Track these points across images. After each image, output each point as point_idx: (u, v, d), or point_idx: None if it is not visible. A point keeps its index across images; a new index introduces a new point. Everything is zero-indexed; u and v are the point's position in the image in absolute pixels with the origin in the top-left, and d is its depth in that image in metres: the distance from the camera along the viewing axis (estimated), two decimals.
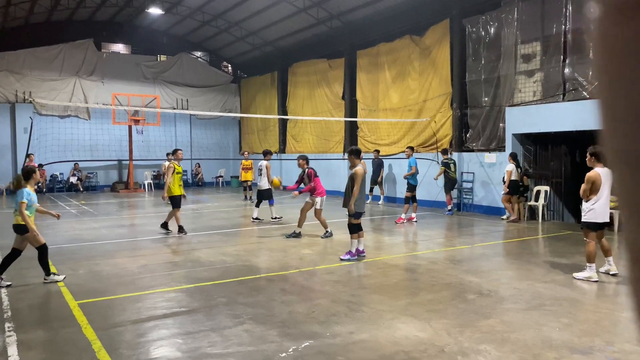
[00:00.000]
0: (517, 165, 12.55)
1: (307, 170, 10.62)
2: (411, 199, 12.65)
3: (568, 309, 5.62)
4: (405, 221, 12.45)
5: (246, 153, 19.23)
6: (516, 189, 12.59)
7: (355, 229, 8.16)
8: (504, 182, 12.60)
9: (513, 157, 12.52)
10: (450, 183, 14.02)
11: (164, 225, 11.01)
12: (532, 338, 4.70)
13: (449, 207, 14.04)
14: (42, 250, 6.76)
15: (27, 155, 16.31)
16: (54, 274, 6.93)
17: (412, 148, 13.44)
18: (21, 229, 6.68)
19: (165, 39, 26.11)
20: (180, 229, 10.79)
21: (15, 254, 6.75)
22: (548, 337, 4.73)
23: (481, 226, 12.12)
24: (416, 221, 12.57)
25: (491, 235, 11.00)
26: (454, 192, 15.06)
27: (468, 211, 14.50)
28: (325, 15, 19.49)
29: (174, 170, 10.75)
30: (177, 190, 10.79)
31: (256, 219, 12.79)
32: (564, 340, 4.63)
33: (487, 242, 10.08)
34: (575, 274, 6.99)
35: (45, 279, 6.81)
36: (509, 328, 4.96)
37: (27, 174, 6.86)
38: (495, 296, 6.10)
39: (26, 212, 6.58)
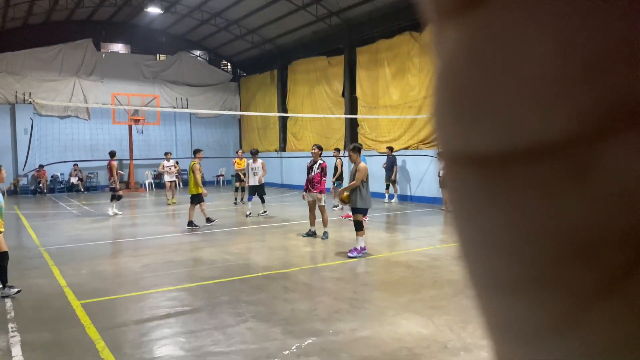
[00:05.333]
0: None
1: (321, 163, 9.91)
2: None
3: None
4: (367, 219, 10.58)
5: (240, 152, 18.49)
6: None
7: (361, 225, 8.17)
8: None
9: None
10: None
11: (207, 220, 11.90)
12: None
13: None
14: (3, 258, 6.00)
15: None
16: (10, 287, 6.10)
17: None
18: None
19: (164, 38, 26.07)
20: (190, 224, 11.56)
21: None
22: None
23: None
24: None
25: None
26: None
27: None
28: (325, 12, 19.46)
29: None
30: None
31: (264, 212, 13.63)
32: None
33: None
34: None
35: None
36: None
37: None
38: None
39: None
